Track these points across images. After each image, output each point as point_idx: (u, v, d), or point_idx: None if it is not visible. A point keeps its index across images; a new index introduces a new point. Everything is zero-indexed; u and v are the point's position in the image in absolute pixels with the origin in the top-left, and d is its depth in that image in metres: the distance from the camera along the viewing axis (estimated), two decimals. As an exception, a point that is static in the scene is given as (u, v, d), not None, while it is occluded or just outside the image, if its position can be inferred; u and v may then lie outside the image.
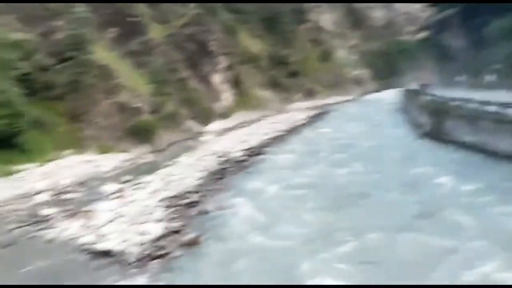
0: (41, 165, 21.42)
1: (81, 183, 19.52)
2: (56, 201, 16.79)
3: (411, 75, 61.22)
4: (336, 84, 73.70)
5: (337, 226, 12.97)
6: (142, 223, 13.04)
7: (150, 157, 25.94)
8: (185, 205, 15.30)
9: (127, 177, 19.84)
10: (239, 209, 14.83)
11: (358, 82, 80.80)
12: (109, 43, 33.15)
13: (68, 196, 17.48)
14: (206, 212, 14.63)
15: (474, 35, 41.42)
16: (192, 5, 44.81)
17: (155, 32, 39.24)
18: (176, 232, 12.57)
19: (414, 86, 49.50)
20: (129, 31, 35.06)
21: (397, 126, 35.53)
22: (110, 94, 27.73)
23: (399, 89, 60.98)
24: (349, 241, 11.75)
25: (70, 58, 26.83)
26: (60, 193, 17.89)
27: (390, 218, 13.33)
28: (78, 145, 25.15)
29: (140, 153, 26.59)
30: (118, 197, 16.00)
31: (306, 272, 10.21)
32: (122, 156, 25.06)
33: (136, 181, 18.88)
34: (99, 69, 27.84)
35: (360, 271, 10.16)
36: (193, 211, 14.68)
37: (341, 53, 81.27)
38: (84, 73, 26.73)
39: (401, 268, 10.22)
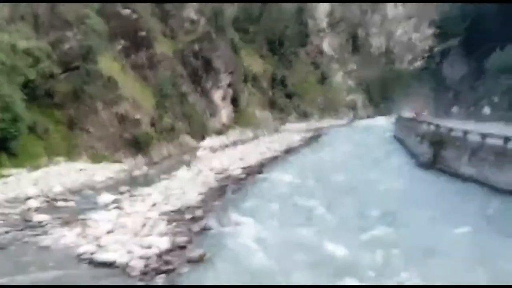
0: (31, 171, 20.73)
1: (74, 192, 18.79)
2: (48, 208, 16.07)
3: (405, 103, 61.79)
4: (330, 108, 74.42)
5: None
6: (145, 236, 12.40)
7: (145, 169, 25.29)
8: (188, 220, 14.73)
9: (123, 188, 19.18)
10: (242, 227, 14.29)
11: (352, 106, 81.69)
12: (117, 55, 32.90)
13: (61, 203, 16.74)
14: (210, 229, 14.06)
15: (473, 67, 41.81)
16: (201, 22, 45.04)
17: (163, 47, 39.15)
18: (181, 247, 11.95)
19: (407, 114, 49.76)
20: (137, 44, 34.99)
21: (393, 154, 35.00)
22: (110, 105, 27.32)
23: (392, 116, 61.39)
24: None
25: (76, 68, 26.69)
26: (53, 200, 17.15)
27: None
28: (72, 153, 24.55)
29: (134, 165, 25.98)
30: (116, 208, 15.30)
31: None
32: (116, 167, 24.42)
33: (134, 193, 18.24)
34: (103, 79, 27.55)
35: None
36: (197, 226, 14.09)
37: (338, 78, 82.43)
38: (87, 82, 26.45)
39: None
